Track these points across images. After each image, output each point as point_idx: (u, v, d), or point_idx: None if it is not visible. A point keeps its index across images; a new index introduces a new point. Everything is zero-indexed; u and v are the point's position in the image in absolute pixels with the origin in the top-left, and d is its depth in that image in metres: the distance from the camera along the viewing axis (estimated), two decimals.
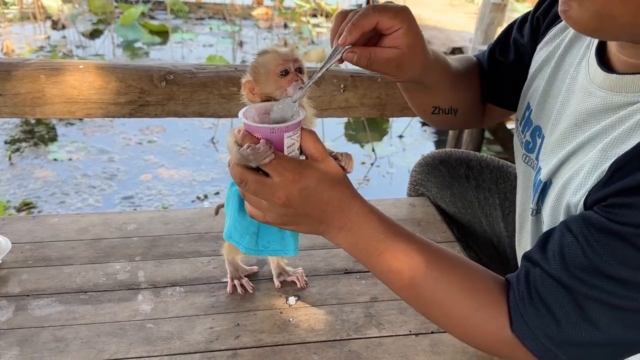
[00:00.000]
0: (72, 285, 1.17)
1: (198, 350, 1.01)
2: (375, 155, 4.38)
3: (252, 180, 0.76)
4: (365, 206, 0.81)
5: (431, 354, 1.02)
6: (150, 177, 3.86)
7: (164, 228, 1.38)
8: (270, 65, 0.85)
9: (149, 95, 1.50)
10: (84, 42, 7.04)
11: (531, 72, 1.01)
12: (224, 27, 8.17)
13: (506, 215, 1.35)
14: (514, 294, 0.75)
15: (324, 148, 0.80)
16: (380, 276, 0.83)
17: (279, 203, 0.76)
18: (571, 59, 0.90)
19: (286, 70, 0.84)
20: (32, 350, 1.00)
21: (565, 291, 0.70)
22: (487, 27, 5.06)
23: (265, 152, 0.74)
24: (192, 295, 1.15)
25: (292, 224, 0.81)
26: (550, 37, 0.98)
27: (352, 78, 1.65)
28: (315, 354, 1.01)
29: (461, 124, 1.25)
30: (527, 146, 0.98)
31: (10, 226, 1.35)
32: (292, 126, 0.77)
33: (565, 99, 0.87)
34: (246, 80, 0.88)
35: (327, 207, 0.78)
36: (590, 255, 0.68)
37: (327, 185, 0.77)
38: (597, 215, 0.69)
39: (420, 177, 1.52)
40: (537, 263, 0.74)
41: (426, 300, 0.80)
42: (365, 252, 0.81)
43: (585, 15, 0.68)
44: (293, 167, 0.75)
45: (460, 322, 0.79)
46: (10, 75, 1.43)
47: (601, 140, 0.74)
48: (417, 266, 0.78)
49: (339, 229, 0.80)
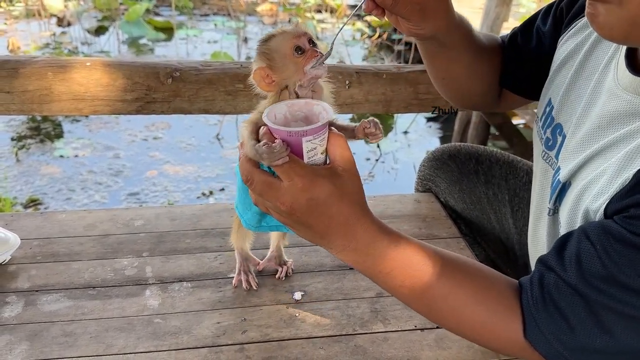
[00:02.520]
0: (81, 281, 1.18)
1: (205, 345, 1.02)
2: (380, 151, 4.38)
3: (259, 181, 0.73)
4: (373, 225, 0.77)
5: (437, 349, 1.03)
6: (155, 173, 3.87)
7: (171, 224, 1.39)
8: (283, 47, 0.78)
9: (155, 92, 1.51)
10: (89, 38, 7.06)
11: (554, 66, 0.99)
12: (229, 24, 8.17)
13: (515, 212, 1.34)
14: (527, 298, 0.74)
15: (351, 156, 0.75)
16: (389, 291, 0.81)
17: (283, 208, 0.73)
18: (598, 58, 0.88)
19: (300, 47, 0.78)
20: (41, 345, 1.01)
21: (580, 298, 0.69)
22: (492, 22, 5.03)
23: (280, 153, 0.70)
24: (199, 291, 1.16)
25: (293, 228, 0.78)
26: (574, 31, 0.96)
27: (357, 74, 1.65)
28: (322, 348, 1.02)
29: (477, 102, 1.22)
30: (547, 143, 0.96)
31: (19, 222, 1.37)
32: (311, 130, 0.71)
33: (591, 100, 0.85)
34: (258, 67, 0.80)
35: (332, 222, 0.74)
36: (608, 264, 0.67)
37: (337, 200, 0.73)
38: (617, 225, 0.68)
39: (429, 172, 1.51)
40: (552, 268, 0.73)
41: (440, 311, 0.79)
42: (372, 270, 0.78)
43: (615, 22, 0.66)
44: (305, 174, 0.71)
45: (474, 328, 0.79)
46: (18, 73, 1.44)
47: (625, 145, 0.73)
48: (429, 280, 0.76)
49: (343, 247, 0.76)
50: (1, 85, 1.44)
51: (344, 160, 0.74)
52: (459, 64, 1.05)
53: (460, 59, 1.03)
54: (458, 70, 1.06)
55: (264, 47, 0.80)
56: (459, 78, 1.09)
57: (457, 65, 1.05)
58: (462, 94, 1.13)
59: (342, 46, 6.75)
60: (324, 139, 0.73)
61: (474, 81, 1.10)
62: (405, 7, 0.83)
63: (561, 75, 0.97)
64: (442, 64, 1.06)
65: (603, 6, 0.66)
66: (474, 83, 1.10)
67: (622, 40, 0.72)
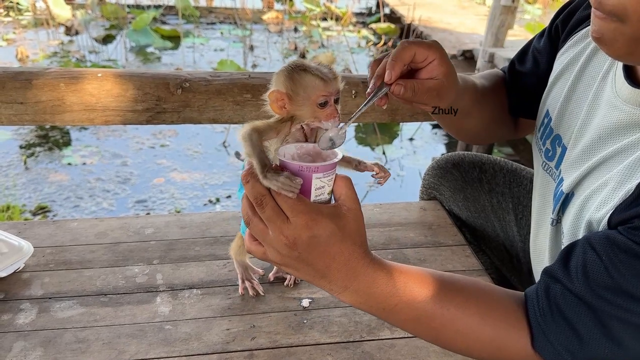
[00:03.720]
0: (93, 288, 1.20)
1: (215, 351, 1.04)
2: (385, 158, 4.40)
3: (271, 205, 0.72)
4: (373, 264, 0.77)
5: (442, 356, 1.05)
6: (163, 180, 3.90)
7: (181, 232, 1.41)
8: (311, 92, 0.77)
9: (165, 102, 1.53)
10: (97, 47, 7.12)
11: (551, 79, 1.01)
12: (235, 32, 8.23)
13: (519, 220, 1.36)
14: (534, 310, 0.76)
15: (355, 197, 0.76)
16: (395, 325, 0.82)
17: (285, 242, 0.72)
18: (594, 70, 0.90)
19: (326, 101, 0.77)
20: (55, 351, 1.03)
21: (587, 308, 0.71)
22: (497, 29, 5.06)
23: (295, 186, 0.70)
24: (209, 298, 1.18)
25: (292, 267, 0.76)
26: (570, 44, 0.98)
27: (363, 84, 1.67)
28: (330, 355, 1.04)
29: (495, 137, 1.28)
30: (547, 154, 0.98)
31: (32, 231, 1.39)
32: (322, 167, 0.72)
33: (590, 111, 0.87)
34: (277, 90, 0.78)
35: (333, 262, 0.74)
36: (614, 275, 0.68)
37: (339, 240, 0.73)
38: (622, 236, 0.69)
39: (433, 180, 1.53)
40: (558, 279, 0.74)
41: (448, 337, 0.80)
42: (376, 308, 0.79)
43: (619, 40, 0.67)
44: (309, 211, 0.71)
45: (483, 348, 0.79)
46: (31, 84, 1.47)
47: (627, 156, 0.74)
48: (432, 309, 0.77)
49: (344, 288, 0.77)
50: (15, 96, 1.47)
51: (349, 200, 0.75)
52: (470, 118, 1.08)
53: (471, 113, 1.06)
54: (472, 123, 1.10)
55: (295, 74, 0.78)
56: (473, 129, 1.13)
57: (468, 119, 1.08)
58: (479, 137, 1.19)
59: (347, 54, 6.79)
60: (331, 179, 0.75)
61: (488, 125, 1.14)
62: (424, 95, 0.85)
63: (558, 87, 0.99)
64: (454, 123, 1.10)
65: (607, 25, 0.67)
66: (489, 126, 1.15)
67: (627, 57, 0.72)
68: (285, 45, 7.62)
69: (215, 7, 9.13)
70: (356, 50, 7.49)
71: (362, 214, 0.76)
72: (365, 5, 10.05)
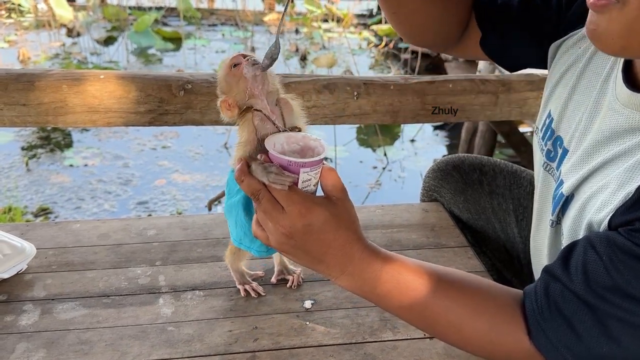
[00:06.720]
0: (95, 290, 1.20)
1: (218, 353, 1.04)
2: (387, 159, 4.40)
3: (267, 198, 0.77)
4: (368, 249, 0.81)
5: (445, 357, 1.05)
6: (164, 182, 3.91)
7: (183, 233, 1.41)
8: (223, 70, 0.89)
9: (167, 104, 1.54)
10: (99, 49, 7.13)
11: (555, 77, 0.99)
12: (236, 33, 8.24)
13: (520, 221, 1.36)
14: (532, 307, 0.76)
15: (343, 186, 0.80)
16: (391, 312, 0.84)
17: (282, 231, 0.77)
18: (595, 72, 0.89)
19: (235, 63, 0.88)
20: (58, 353, 1.03)
21: (586, 308, 0.71)
22: None
23: (287, 179, 0.76)
24: (211, 299, 1.18)
25: (291, 254, 0.82)
26: (573, 41, 0.95)
27: (365, 85, 1.68)
28: (332, 356, 1.04)
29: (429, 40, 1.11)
30: (549, 155, 0.98)
31: (34, 232, 1.40)
32: (310, 163, 0.78)
33: (592, 115, 0.86)
34: (219, 100, 0.91)
35: (329, 249, 0.78)
36: (614, 275, 0.69)
37: (333, 227, 0.77)
38: (622, 238, 0.69)
39: (434, 183, 1.53)
40: (558, 278, 0.74)
41: (441, 327, 0.81)
42: (371, 293, 0.82)
43: (615, 31, 0.66)
44: (302, 201, 0.76)
45: (477, 341, 0.80)
46: (33, 86, 1.47)
47: (627, 159, 0.75)
48: (425, 298, 0.79)
49: (341, 272, 0.81)
50: (17, 98, 1.47)
51: (337, 190, 0.79)
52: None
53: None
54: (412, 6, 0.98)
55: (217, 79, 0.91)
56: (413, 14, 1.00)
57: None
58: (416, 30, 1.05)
59: (348, 55, 6.79)
60: (318, 172, 0.80)
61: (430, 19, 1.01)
62: None
63: (560, 87, 0.97)
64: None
65: (604, 16, 0.66)
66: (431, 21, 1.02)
67: (621, 51, 0.71)
68: (286, 46, 7.63)
69: (217, 8, 9.15)
70: (357, 52, 7.50)
71: (351, 201, 0.81)
72: (367, 7, 10.06)
